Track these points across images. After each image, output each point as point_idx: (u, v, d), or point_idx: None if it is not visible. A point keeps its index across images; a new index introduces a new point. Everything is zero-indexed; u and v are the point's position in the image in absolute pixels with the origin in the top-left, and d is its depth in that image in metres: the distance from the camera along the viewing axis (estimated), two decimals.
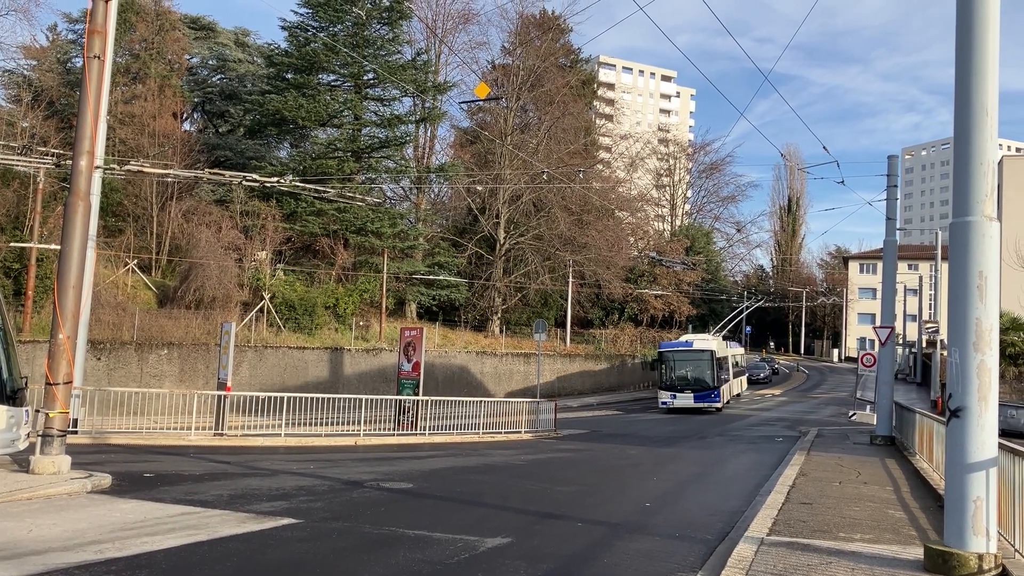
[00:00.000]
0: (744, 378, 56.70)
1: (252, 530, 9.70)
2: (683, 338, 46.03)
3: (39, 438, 13.00)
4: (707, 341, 42.66)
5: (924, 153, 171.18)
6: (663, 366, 41.17)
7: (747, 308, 65.84)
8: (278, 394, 22.70)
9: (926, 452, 17.77)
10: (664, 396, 40.85)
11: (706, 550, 9.70)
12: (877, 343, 26.18)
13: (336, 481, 14.41)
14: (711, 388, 40.03)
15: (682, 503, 14.00)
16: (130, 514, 10.31)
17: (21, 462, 13.15)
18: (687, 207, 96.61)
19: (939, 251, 51.46)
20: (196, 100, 53.39)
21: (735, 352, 52.41)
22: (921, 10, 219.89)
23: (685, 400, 39.88)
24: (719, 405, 40.06)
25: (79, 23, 46.36)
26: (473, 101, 47.05)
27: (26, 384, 13.69)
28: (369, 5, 45.62)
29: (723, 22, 47.10)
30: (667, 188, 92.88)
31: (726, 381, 44.58)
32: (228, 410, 21.80)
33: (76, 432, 18.57)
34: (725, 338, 52.64)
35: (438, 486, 14.58)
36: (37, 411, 13.41)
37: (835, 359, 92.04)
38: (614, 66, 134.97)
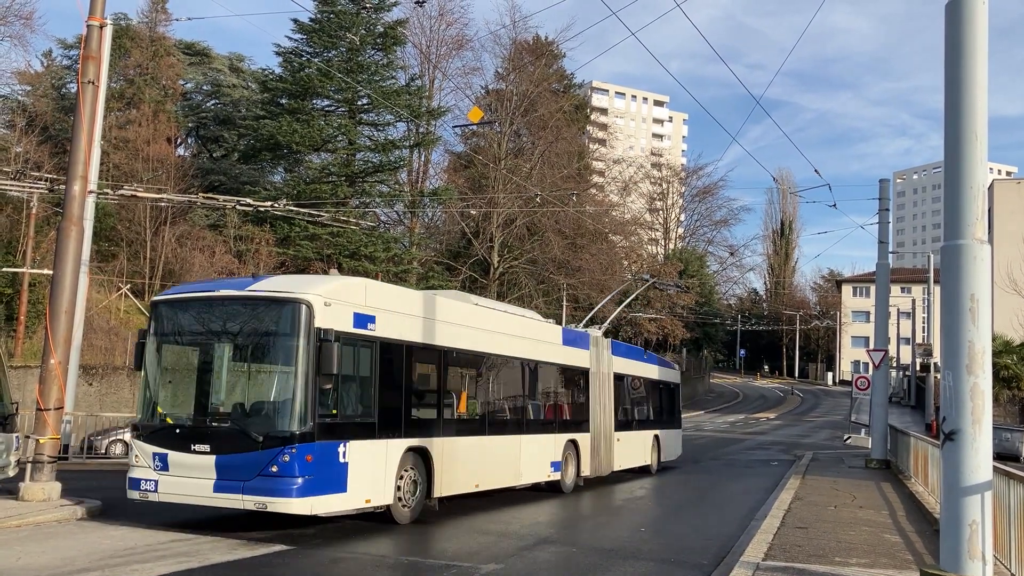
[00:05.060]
0: (667, 435, 24.61)
1: (244, 557, 9.61)
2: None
3: (29, 464, 12.90)
4: (294, 283, 11.94)
5: (916, 177, 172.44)
6: (149, 356, 11.86)
7: (635, 291, 43.54)
8: None
9: (921, 476, 17.74)
10: (138, 466, 11.35)
11: (701, 575, 9.65)
12: (871, 366, 26.21)
13: None
14: (281, 437, 10.41)
15: (677, 527, 13.94)
16: (120, 541, 10.21)
17: (11, 489, 13.03)
18: (680, 231, 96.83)
19: (931, 274, 51.64)
20: (190, 125, 53.47)
21: (647, 373, 23.66)
22: (910, 37, 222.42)
23: (189, 472, 10.81)
24: (302, 507, 10.55)
25: (74, 49, 46.47)
26: (467, 125, 47.26)
27: (17, 410, 13.61)
28: (363, 31, 45.87)
29: (715, 48, 47.57)
30: (660, 212, 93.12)
31: (592, 423, 18.85)
32: None
33: (67, 458, 18.45)
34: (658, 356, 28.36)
35: (430, 512, 14.48)
36: (27, 437, 13.32)
37: (829, 382, 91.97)
38: (607, 91, 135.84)
